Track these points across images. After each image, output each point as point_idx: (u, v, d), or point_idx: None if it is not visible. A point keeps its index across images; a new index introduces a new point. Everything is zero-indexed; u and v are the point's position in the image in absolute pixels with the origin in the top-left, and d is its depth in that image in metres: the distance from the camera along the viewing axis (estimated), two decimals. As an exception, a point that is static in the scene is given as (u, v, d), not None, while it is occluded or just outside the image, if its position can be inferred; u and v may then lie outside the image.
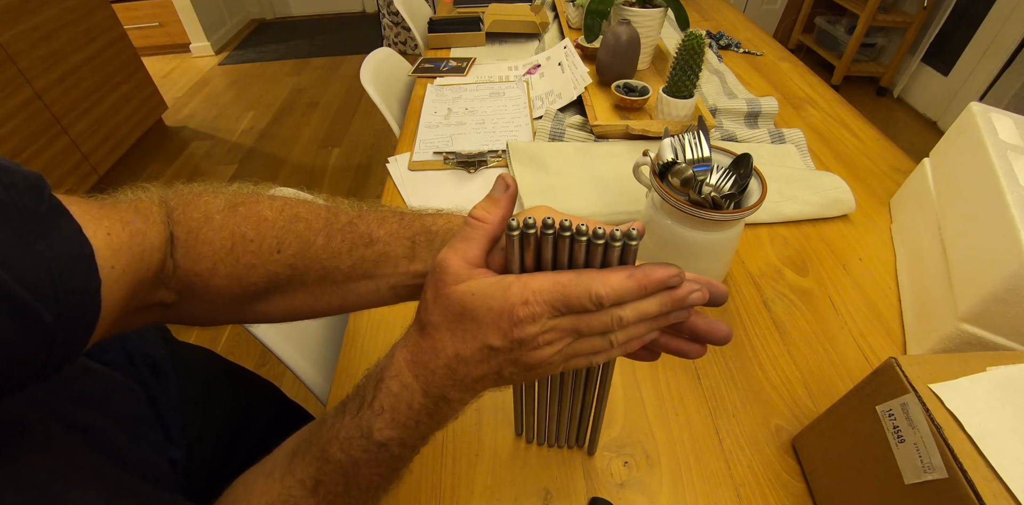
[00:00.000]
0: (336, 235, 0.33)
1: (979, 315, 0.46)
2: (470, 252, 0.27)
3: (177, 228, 0.31)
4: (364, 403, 0.28)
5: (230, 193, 0.33)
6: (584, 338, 0.27)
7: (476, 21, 1.26)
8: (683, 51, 0.76)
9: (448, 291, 0.26)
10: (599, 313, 0.26)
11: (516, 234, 0.26)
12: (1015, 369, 0.33)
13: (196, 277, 0.31)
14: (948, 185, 0.60)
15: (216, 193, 0.33)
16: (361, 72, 1.05)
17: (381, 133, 2.40)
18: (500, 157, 0.83)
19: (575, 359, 0.28)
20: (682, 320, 0.29)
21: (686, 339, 0.31)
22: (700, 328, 0.30)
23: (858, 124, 0.93)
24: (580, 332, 0.27)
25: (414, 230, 0.34)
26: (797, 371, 0.53)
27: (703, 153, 0.55)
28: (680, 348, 0.31)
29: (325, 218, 0.34)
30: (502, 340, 0.25)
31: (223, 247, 0.31)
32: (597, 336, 0.27)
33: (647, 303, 0.27)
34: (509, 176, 0.30)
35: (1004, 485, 0.27)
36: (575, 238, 0.26)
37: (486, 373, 0.27)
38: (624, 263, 0.27)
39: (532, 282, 0.25)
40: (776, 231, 0.70)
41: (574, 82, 0.96)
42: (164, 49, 3.22)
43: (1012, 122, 0.58)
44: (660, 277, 0.26)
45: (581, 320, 0.26)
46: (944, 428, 0.30)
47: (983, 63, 2.17)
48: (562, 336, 0.26)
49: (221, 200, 0.33)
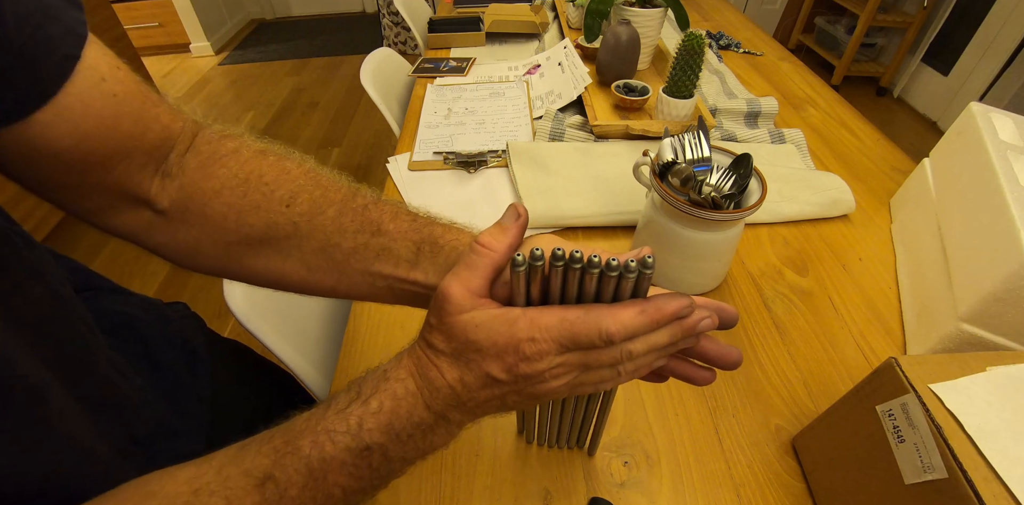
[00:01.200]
0: (348, 213, 0.32)
1: (979, 315, 0.46)
2: (474, 281, 0.26)
3: (203, 144, 0.32)
4: (358, 398, 0.26)
5: (266, 143, 0.34)
6: (592, 370, 0.27)
7: (476, 21, 1.26)
8: (683, 51, 0.76)
9: (451, 321, 0.26)
10: (608, 348, 0.25)
11: (522, 269, 0.25)
12: (1015, 369, 0.33)
13: (199, 193, 0.31)
14: (948, 185, 0.60)
15: (255, 139, 0.33)
16: (361, 72, 1.05)
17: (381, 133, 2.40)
18: (500, 157, 0.83)
19: (581, 387, 0.27)
20: (691, 346, 0.28)
21: (695, 364, 0.31)
22: (711, 353, 0.29)
23: (858, 124, 0.93)
24: (588, 366, 0.26)
25: (422, 236, 0.33)
26: (797, 371, 0.53)
27: (703, 153, 0.55)
28: (688, 374, 0.30)
29: (344, 193, 0.33)
30: (507, 374, 0.25)
31: (237, 176, 0.31)
32: (605, 368, 0.27)
33: (657, 335, 0.26)
34: (521, 206, 0.29)
35: (1004, 485, 0.27)
36: (586, 270, 0.24)
37: (490, 399, 0.26)
38: (637, 293, 0.26)
39: (539, 318, 0.25)
40: (776, 231, 0.70)
41: (574, 82, 0.96)
42: (164, 49, 3.22)
43: (1012, 122, 0.58)
44: (673, 310, 0.25)
45: (590, 356, 0.26)
46: (944, 428, 0.30)
47: (983, 63, 2.17)
48: (569, 371, 0.26)
49: (257, 144, 0.33)
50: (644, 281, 0.25)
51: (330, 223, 0.32)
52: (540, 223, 0.69)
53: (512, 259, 0.25)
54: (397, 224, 0.33)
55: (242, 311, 0.56)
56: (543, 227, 0.70)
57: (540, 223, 0.69)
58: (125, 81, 0.28)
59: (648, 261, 0.24)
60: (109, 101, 0.27)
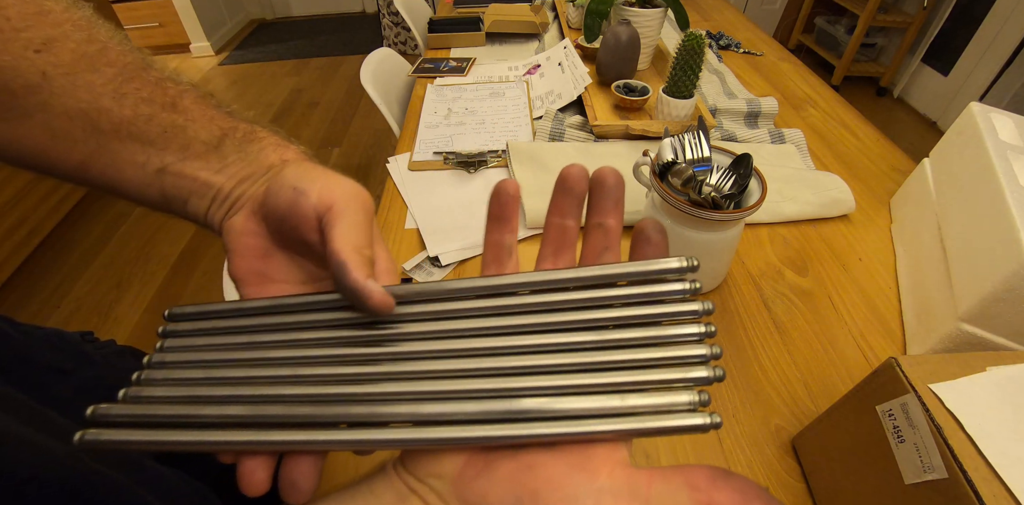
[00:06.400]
0: (135, 80, 0.26)
1: (979, 315, 0.46)
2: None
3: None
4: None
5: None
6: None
7: (476, 21, 1.26)
8: (683, 51, 0.76)
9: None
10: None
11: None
12: (1015, 369, 0.33)
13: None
14: (948, 185, 0.60)
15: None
16: (361, 72, 1.05)
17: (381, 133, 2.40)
18: (500, 157, 0.83)
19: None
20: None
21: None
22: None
23: (858, 124, 0.93)
24: None
25: (233, 124, 0.27)
26: (797, 371, 0.53)
27: (703, 153, 0.55)
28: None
29: (133, 59, 0.26)
30: None
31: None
32: None
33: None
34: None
35: (1004, 485, 0.27)
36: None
37: None
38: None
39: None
40: (776, 231, 0.70)
41: (574, 82, 0.96)
42: (164, 49, 3.22)
43: (1012, 122, 0.58)
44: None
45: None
46: (944, 428, 0.30)
47: (983, 63, 2.17)
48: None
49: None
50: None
51: (104, 84, 0.25)
52: (540, 223, 0.69)
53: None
54: (201, 106, 0.27)
55: (242, 311, 0.56)
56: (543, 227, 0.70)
57: (540, 223, 0.69)
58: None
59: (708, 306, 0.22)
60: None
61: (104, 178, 0.26)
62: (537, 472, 0.19)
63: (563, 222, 0.24)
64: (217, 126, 0.27)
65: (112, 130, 0.25)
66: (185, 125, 0.26)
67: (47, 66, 0.24)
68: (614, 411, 0.20)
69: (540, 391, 0.20)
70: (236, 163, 0.27)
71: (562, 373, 0.21)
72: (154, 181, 0.26)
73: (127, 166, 0.26)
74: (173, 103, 0.26)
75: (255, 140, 0.27)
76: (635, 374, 0.20)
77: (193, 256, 1.77)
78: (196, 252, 1.79)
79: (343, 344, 0.23)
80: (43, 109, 0.24)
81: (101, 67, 0.25)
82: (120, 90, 0.25)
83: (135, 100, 0.25)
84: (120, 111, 0.25)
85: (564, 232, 0.25)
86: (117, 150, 0.25)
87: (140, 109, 0.25)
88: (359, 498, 0.20)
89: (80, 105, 0.25)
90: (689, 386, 0.20)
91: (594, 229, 0.24)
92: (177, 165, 0.26)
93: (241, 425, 0.21)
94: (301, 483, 0.20)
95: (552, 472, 0.19)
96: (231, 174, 0.26)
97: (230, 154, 0.27)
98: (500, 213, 0.25)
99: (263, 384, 0.22)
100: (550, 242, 0.25)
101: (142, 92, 0.26)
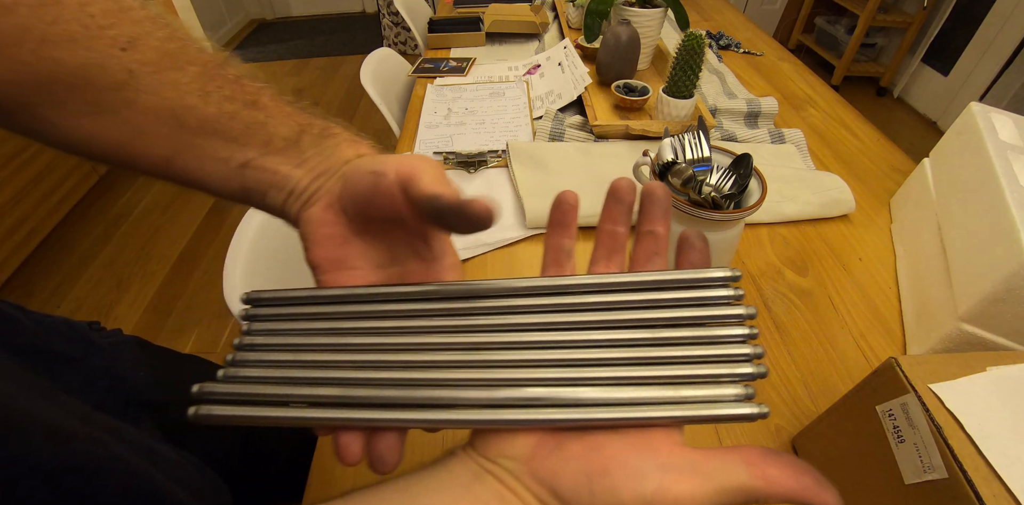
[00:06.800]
0: (216, 78, 0.26)
1: (979, 315, 0.46)
2: None
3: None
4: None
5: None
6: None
7: (476, 21, 1.26)
8: (683, 51, 0.76)
9: None
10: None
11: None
12: (1015, 369, 0.33)
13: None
14: (948, 185, 0.60)
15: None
16: (361, 72, 1.05)
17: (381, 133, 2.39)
18: (500, 157, 0.83)
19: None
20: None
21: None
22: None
23: (858, 124, 0.93)
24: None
25: (309, 120, 0.28)
26: (797, 371, 0.53)
27: (703, 153, 0.55)
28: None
29: (210, 57, 0.27)
30: None
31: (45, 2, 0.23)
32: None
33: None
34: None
35: (1004, 485, 0.27)
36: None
37: None
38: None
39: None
40: (776, 231, 0.70)
41: (574, 82, 0.96)
42: (164, 49, 3.22)
43: (1012, 122, 0.58)
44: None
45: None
46: (944, 428, 0.30)
47: (983, 63, 2.17)
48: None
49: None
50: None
51: (189, 82, 0.25)
52: (540, 223, 0.69)
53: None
54: (278, 103, 0.28)
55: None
56: (543, 227, 0.70)
57: (540, 223, 0.69)
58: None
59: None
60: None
61: (186, 173, 0.27)
62: (604, 451, 0.21)
63: (615, 228, 0.26)
64: (295, 122, 0.28)
65: (197, 127, 0.26)
66: (266, 122, 0.27)
67: (133, 64, 0.24)
68: (668, 400, 0.22)
69: (600, 381, 0.22)
70: (314, 158, 0.27)
71: (619, 365, 0.23)
72: (236, 175, 0.27)
73: (210, 161, 0.27)
74: (254, 101, 0.27)
75: (330, 136, 0.28)
76: (685, 368, 0.22)
77: (193, 256, 1.77)
78: (196, 252, 1.79)
79: (419, 333, 0.25)
80: (129, 106, 0.25)
81: (184, 65, 0.26)
82: (204, 88, 0.26)
83: (218, 98, 0.26)
84: (205, 109, 0.26)
85: (615, 238, 0.26)
86: (201, 146, 0.26)
87: (224, 107, 0.26)
88: (435, 477, 0.22)
89: (166, 103, 0.25)
90: (735, 381, 0.22)
91: (645, 236, 0.26)
92: (259, 160, 0.27)
93: (332, 405, 0.23)
94: (387, 456, 0.23)
95: (618, 451, 0.21)
96: (309, 168, 0.27)
97: (308, 149, 0.27)
98: (561, 219, 0.27)
99: (349, 368, 0.24)
100: (603, 246, 0.27)
101: (224, 90, 0.26)
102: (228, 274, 0.58)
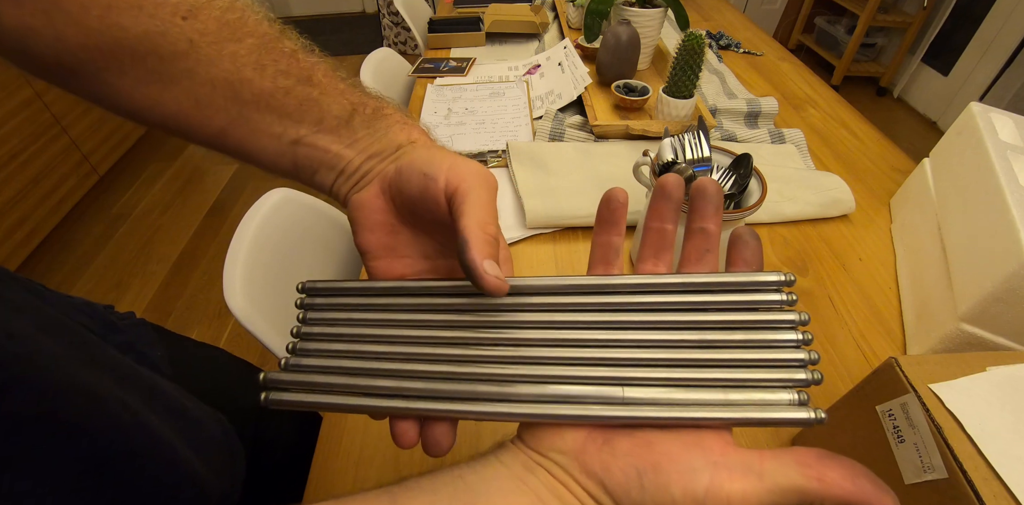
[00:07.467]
0: (272, 52, 0.26)
1: (979, 315, 0.46)
2: None
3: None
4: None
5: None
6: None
7: (476, 21, 1.26)
8: (683, 51, 0.76)
9: None
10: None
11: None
12: (1015, 369, 0.33)
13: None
14: (948, 185, 0.60)
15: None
16: (361, 72, 1.05)
17: (381, 133, 2.40)
18: (500, 157, 0.83)
19: None
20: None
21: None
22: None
23: (858, 124, 0.93)
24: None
25: (362, 99, 0.28)
26: (797, 371, 0.53)
27: (703, 153, 0.55)
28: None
29: (268, 29, 0.27)
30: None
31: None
32: None
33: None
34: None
35: (1004, 485, 0.27)
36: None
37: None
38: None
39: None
40: (776, 231, 0.70)
41: (574, 82, 0.96)
42: (164, 49, 3.22)
43: (1012, 122, 0.58)
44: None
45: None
46: (944, 428, 0.30)
47: (983, 63, 2.17)
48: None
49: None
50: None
51: (246, 54, 0.25)
52: (540, 223, 0.69)
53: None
54: (332, 80, 0.28)
55: (242, 310, 0.56)
56: (543, 227, 0.70)
57: (540, 223, 0.69)
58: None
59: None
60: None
61: (240, 146, 0.27)
62: (655, 448, 0.21)
63: (663, 226, 0.26)
64: (347, 101, 0.27)
65: (252, 101, 0.26)
66: (319, 98, 0.27)
67: (194, 33, 0.25)
68: (716, 402, 0.22)
69: (649, 382, 0.23)
70: (365, 138, 0.28)
71: (668, 367, 0.23)
72: (288, 151, 0.27)
73: (263, 136, 0.27)
74: (308, 76, 0.27)
75: (383, 117, 0.28)
76: (736, 371, 0.22)
77: (193, 256, 1.77)
78: (196, 252, 1.79)
79: (467, 327, 0.26)
80: (188, 76, 0.25)
81: (242, 37, 0.26)
82: (260, 61, 0.26)
83: (274, 72, 0.26)
84: (261, 82, 0.26)
85: (663, 235, 0.26)
86: (256, 120, 0.26)
87: (279, 81, 0.26)
88: (490, 467, 0.22)
89: (224, 74, 0.25)
90: (787, 386, 0.22)
91: (696, 233, 0.26)
92: (311, 137, 0.27)
93: (389, 395, 0.24)
94: (442, 442, 0.24)
95: (670, 448, 0.21)
96: (361, 149, 0.27)
97: (360, 129, 0.27)
98: (609, 217, 0.26)
99: (402, 360, 0.25)
100: (650, 245, 0.26)
101: (280, 64, 0.26)
102: (228, 274, 0.58)
